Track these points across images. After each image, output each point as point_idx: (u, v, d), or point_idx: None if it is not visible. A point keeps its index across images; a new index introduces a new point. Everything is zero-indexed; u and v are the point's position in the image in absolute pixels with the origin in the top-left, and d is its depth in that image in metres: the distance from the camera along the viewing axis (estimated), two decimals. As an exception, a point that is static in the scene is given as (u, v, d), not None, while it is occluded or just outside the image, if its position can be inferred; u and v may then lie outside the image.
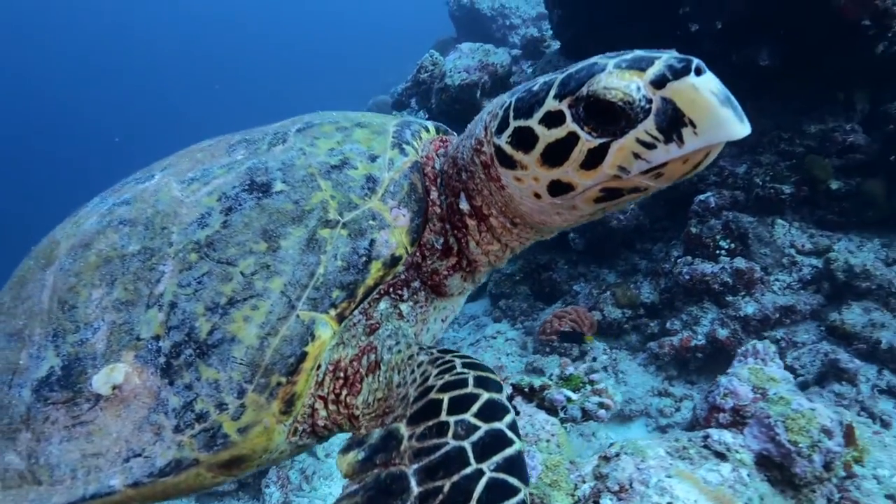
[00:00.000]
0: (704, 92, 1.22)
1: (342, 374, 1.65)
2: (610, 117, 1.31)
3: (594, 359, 5.79)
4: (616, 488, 2.69)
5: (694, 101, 1.23)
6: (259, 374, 1.48)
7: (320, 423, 1.66)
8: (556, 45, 9.92)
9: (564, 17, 8.41)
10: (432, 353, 1.53)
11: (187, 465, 1.48)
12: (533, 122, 1.43)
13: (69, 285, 1.69)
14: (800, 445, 2.87)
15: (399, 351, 1.61)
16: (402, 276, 1.79)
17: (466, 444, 1.21)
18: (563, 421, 3.27)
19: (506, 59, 8.14)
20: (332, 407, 1.65)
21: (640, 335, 6.33)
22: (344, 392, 1.63)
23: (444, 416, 1.27)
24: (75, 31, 65.15)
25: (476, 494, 1.13)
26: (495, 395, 1.30)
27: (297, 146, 1.77)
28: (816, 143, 6.17)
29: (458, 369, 1.39)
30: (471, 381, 1.33)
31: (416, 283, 1.83)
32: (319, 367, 1.59)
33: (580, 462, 3.00)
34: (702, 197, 6.38)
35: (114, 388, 1.53)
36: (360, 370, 1.64)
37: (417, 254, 1.79)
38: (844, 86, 6.13)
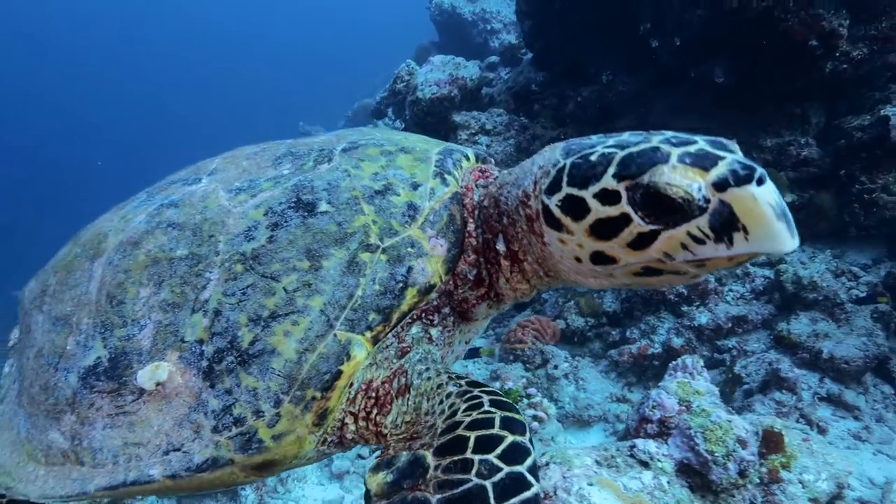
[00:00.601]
0: (763, 203, 1.24)
1: (374, 394, 1.68)
2: (666, 209, 1.32)
3: (556, 366, 5.96)
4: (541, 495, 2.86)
5: (752, 211, 1.25)
6: (295, 386, 1.54)
7: (349, 436, 1.71)
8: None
9: (534, 28, 8.60)
10: (461, 385, 1.55)
11: (223, 464, 1.56)
12: (587, 195, 1.43)
13: (118, 281, 1.76)
14: (716, 454, 3.06)
15: (429, 378, 1.63)
16: (435, 303, 1.82)
17: (488, 484, 1.26)
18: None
19: (475, 72, 8.29)
20: (361, 423, 1.69)
21: (603, 343, 6.51)
22: (374, 411, 1.67)
23: (469, 454, 1.31)
24: (67, 35, 65.12)
25: None
26: (519, 438, 1.34)
27: (342, 167, 1.81)
28: (773, 157, 6.38)
29: (486, 407, 1.42)
30: (497, 422, 1.37)
31: (447, 310, 1.87)
32: (352, 385, 1.65)
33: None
34: (663, 208, 6.58)
35: (157, 384, 1.61)
36: (391, 392, 1.67)
37: (450, 282, 1.83)
38: (800, 100, 6.34)
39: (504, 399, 1.47)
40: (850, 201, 5.87)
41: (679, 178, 1.28)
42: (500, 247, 1.78)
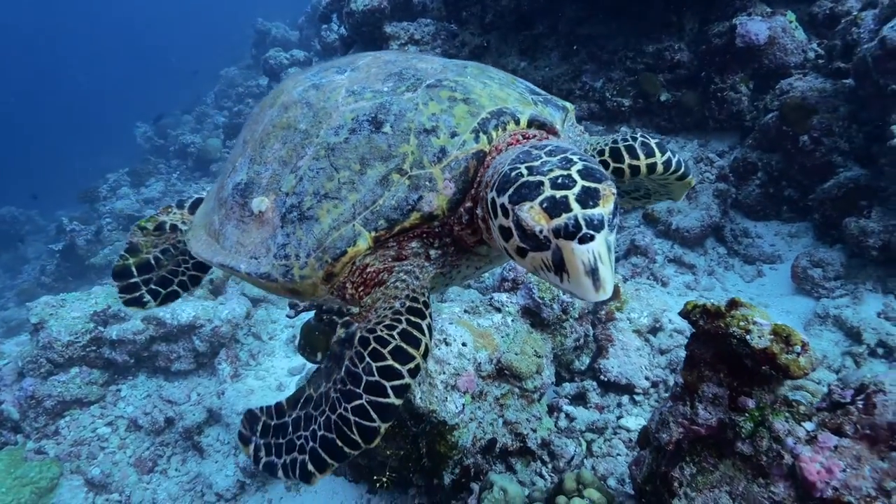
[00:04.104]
0: (577, 260, 1.51)
1: (365, 276, 2.12)
2: (528, 236, 1.64)
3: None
4: (420, 333, 4.12)
5: (569, 262, 1.54)
6: (319, 249, 2.05)
7: (347, 295, 2.18)
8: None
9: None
10: (404, 306, 1.93)
11: (272, 280, 2.15)
12: (497, 203, 1.76)
13: (268, 131, 2.34)
14: (545, 299, 4.35)
15: (397, 287, 2.01)
16: (437, 230, 2.11)
17: (364, 378, 1.80)
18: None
19: (405, -16, 8.91)
20: (354, 291, 2.15)
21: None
22: (361, 288, 2.14)
23: (365, 353, 1.82)
24: None
25: (352, 403, 1.79)
26: (397, 365, 1.79)
27: (416, 99, 2.13)
28: (653, 61, 7.39)
29: (395, 333, 1.85)
30: (391, 346, 1.82)
31: (448, 239, 2.15)
32: (355, 263, 2.09)
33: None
34: (564, 109, 7.60)
35: (259, 212, 2.20)
36: (375, 280, 2.10)
37: (452, 219, 2.08)
38: (678, 9, 7.27)
39: (412, 333, 1.86)
40: (709, 99, 6.94)
41: (528, 218, 1.60)
42: (479, 212, 2.01)
